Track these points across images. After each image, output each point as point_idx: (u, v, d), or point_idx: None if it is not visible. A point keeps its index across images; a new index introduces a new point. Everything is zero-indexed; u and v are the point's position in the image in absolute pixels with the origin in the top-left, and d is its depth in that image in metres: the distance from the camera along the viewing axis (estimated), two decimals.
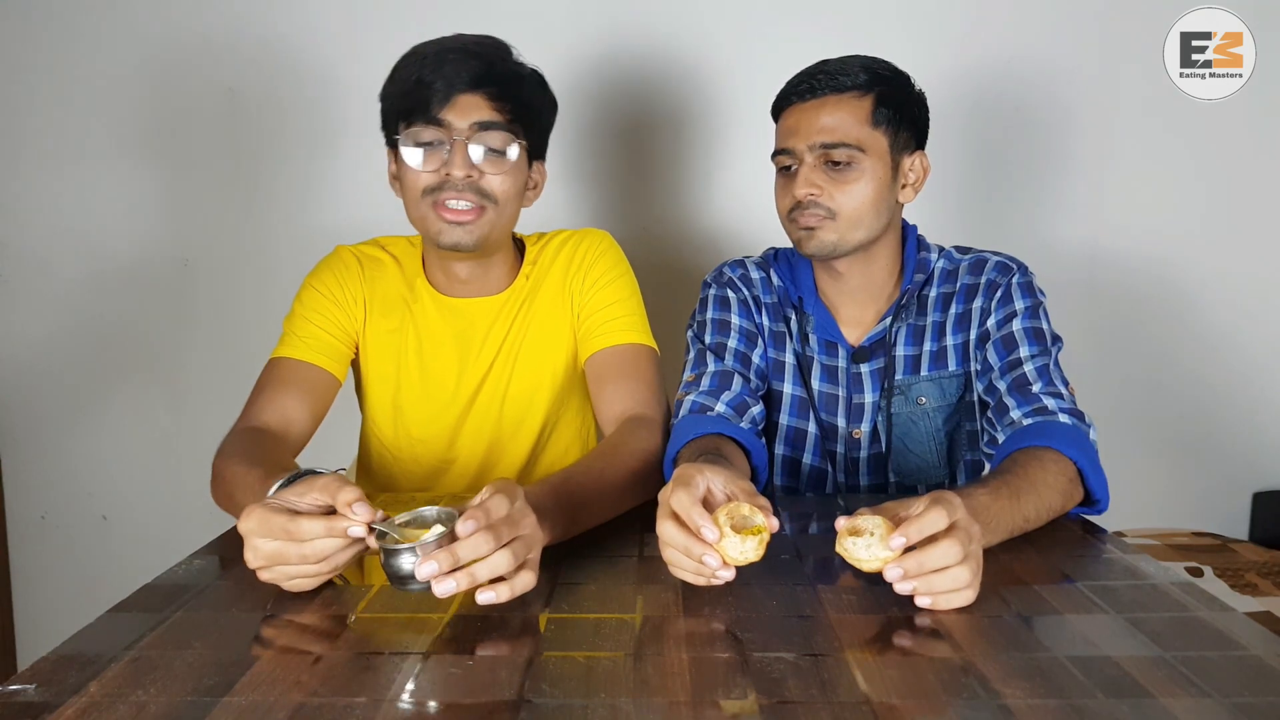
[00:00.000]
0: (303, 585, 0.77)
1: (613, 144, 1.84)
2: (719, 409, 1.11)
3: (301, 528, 0.73)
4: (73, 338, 1.90)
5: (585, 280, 1.23)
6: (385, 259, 1.24)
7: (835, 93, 1.12)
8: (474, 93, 1.07)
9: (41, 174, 1.85)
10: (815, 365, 1.23)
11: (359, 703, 0.60)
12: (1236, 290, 1.86)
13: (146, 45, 1.81)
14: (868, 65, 1.13)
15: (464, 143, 1.07)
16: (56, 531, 1.96)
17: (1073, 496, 0.97)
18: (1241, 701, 0.59)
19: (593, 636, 0.70)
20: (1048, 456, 0.97)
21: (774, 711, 0.58)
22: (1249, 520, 1.93)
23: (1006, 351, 1.12)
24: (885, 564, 0.73)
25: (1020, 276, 1.17)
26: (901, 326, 1.20)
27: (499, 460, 1.26)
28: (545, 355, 1.23)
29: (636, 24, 1.79)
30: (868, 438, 1.22)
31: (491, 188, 1.10)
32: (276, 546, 0.74)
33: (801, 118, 1.13)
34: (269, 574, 0.76)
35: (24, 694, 0.61)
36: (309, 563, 0.75)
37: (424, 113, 1.07)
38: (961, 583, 0.73)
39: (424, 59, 1.08)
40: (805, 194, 1.12)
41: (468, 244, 1.12)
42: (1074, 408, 1.05)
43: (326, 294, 1.20)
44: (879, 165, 1.12)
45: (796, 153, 1.13)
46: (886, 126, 1.13)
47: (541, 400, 1.24)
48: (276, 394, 1.11)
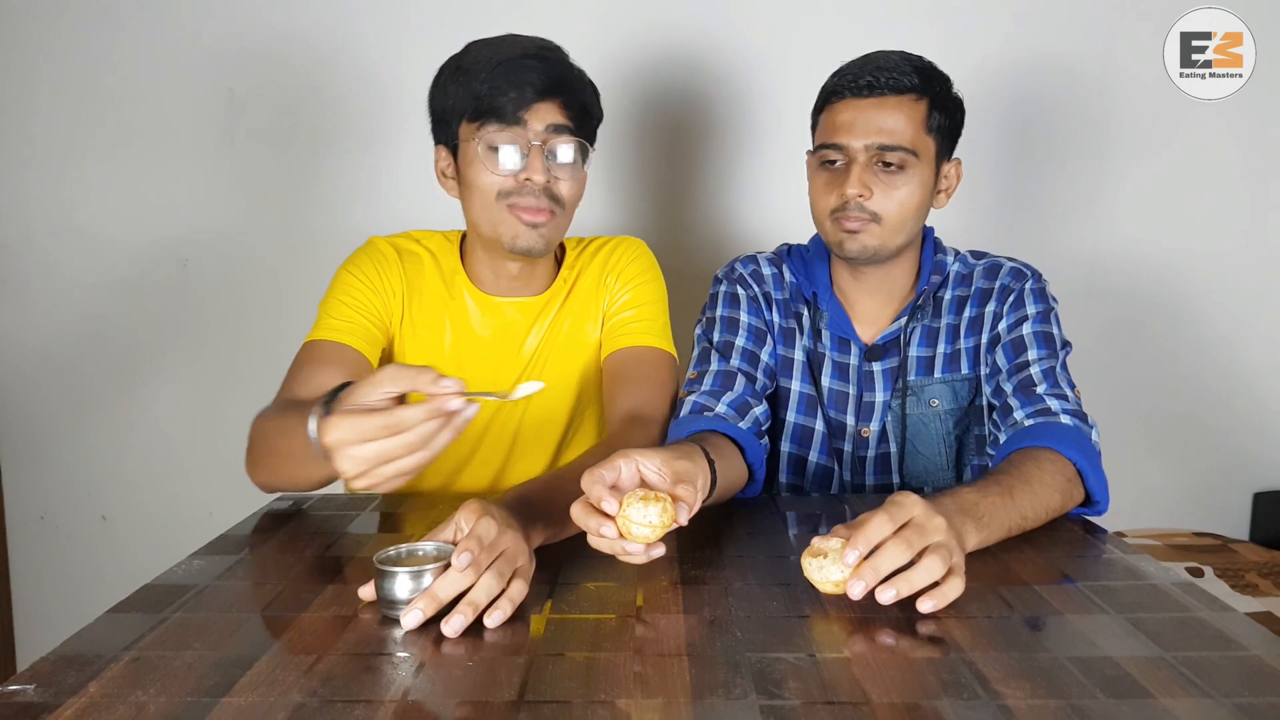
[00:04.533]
0: (404, 480, 0.72)
1: (641, 148, 1.84)
2: (719, 409, 1.10)
3: (401, 418, 0.68)
4: (73, 338, 1.90)
5: (618, 281, 1.25)
6: (422, 253, 1.24)
7: (895, 93, 1.10)
8: (549, 100, 1.08)
9: (41, 174, 1.85)
10: (826, 361, 1.22)
11: (359, 703, 0.60)
12: (1237, 290, 1.86)
13: (146, 46, 1.81)
14: (921, 66, 1.12)
15: (541, 148, 1.09)
16: (56, 531, 1.96)
17: (1072, 496, 0.97)
18: (1242, 702, 0.59)
19: (593, 636, 0.70)
20: (1045, 456, 0.97)
21: (774, 711, 0.58)
22: (1249, 520, 1.93)
23: (1015, 354, 1.12)
24: (845, 582, 0.73)
25: (1034, 283, 1.17)
26: (916, 327, 1.20)
27: (522, 457, 1.26)
28: (575, 357, 1.25)
29: (662, 25, 1.79)
30: (876, 437, 1.21)
31: (562, 193, 1.12)
32: (378, 447, 0.69)
33: (859, 115, 1.11)
34: (369, 478, 0.70)
35: (24, 694, 0.61)
36: (415, 451, 0.70)
37: (501, 116, 1.07)
38: (937, 573, 0.73)
39: (496, 64, 1.07)
40: (856, 194, 1.10)
41: (539, 248, 1.13)
42: (1078, 409, 1.05)
43: (365, 281, 1.19)
44: (926, 171, 1.12)
45: (850, 150, 1.11)
46: (936, 132, 1.12)
47: (567, 400, 1.25)
48: (315, 371, 1.09)
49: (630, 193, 1.87)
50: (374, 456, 0.69)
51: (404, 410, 0.68)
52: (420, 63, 1.19)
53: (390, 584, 0.73)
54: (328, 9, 1.79)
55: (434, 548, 0.77)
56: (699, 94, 1.83)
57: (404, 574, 0.73)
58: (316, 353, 1.12)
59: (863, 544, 0.73)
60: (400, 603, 0.73)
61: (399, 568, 0.73)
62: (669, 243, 1.85)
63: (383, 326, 1.19)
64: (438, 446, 0.71)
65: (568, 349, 1.24)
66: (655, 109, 1.83)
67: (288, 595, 0.79)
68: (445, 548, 0.77)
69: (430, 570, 0.73)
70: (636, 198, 1.88)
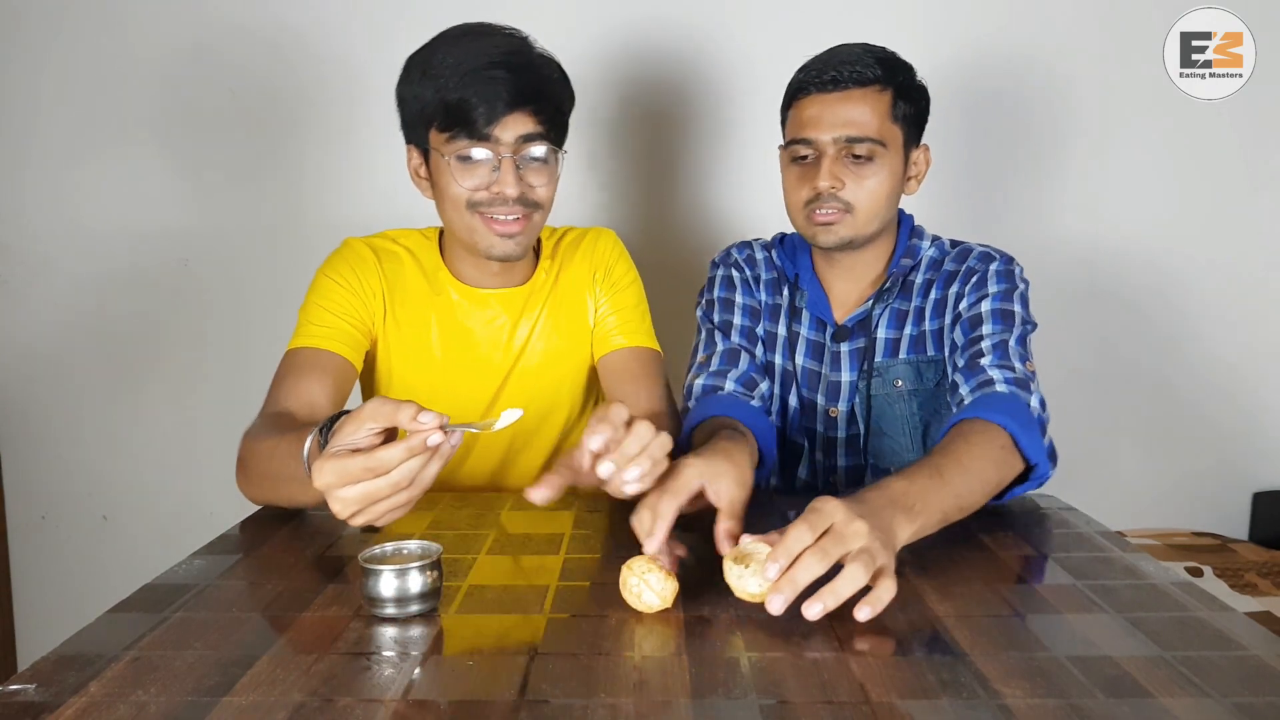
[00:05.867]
0: (400, 514, 0.75)
1: (615, 135, 1.84)
2: (728, 386, 1.15)
3: (381, 460, 0.70)
4: (73, 338, 1.90)
5: (606, 280, 1.27)
6: (400, 252, 1.24)
7: (859, 85, 1.12)
8: (520, 110, 1.07)
9: (42, 174, 1.86)
10: (800, 341, 1.25)
11: (359, 702, 0.60)
12: (1237, 290, 1.86)
13: (147, 45, 1.81)
14: (883, 58, 1.14)
15: (512, 160, 1.08)
16: (56, 531, 1.96)
17: (1008, 463, 0.95)
18: (1241, 701, 0.59)
19: (593, 636, 0.70)
20: (974, 428, 0.95)
21: (774, 711, 0.58)
22: (1249, 520, 1.93)
23: (970, 330, 1.12)
24: (764, 594, 0.72)
25: (1000, 264, 1.16)
26: (885, 309, 1.21)
27: (521, 453, 1.27)
28: (569, 347, 1.26)
29: (639, 14, 1.79)
30: (844, 418, 1.23)
31: (537, 196, 1.12)
32: (363, 489, 0.70)
33: (824, 109, 1.13)
34: (363, 516, 0.72)
35: (24, 694, 0.61)
36: (401, 489, 0.72)
37: (469, 130, 1.06)
38: (861, 581, 0.70)
39: (465, 72, 1.05)
40: (828, 186, 1.12)
41: (516, 254, 1.15)
42: (1021, 378, 1.03)
43: (344, 284, 1.18)
44: (895, 159, 1.14)
45: (818, 144, 1.13)
46: (902, 121, 1.14)
47: (567, 390, 1.27)
48: (299, 381, 1.10)
49: (609, 185, 1.87)
50: (361, 497, 0.71)
51: (384, 451, 0.70)
52: None
53: (375, 582, 0.73)
54: (329, 8, 1.79)
55: (419, 546, 0.77)
56: (678, 85, 1.83)
57: (389, 572, 0.73)
58: (299, 361, 1.12)
59: (783, 556, 0.71)
60: (386, 601, 0.73)
61: (384, 566, 0.73)
62: (646, 234, 1.87)
63: (364, 329, 1.19)
64: (425, 481, 0.73)
65: (560, 339, 1.25)
66: (633, 100, 1.84)
67: (288, 595, 0.79)
68: (430, 546, 0.77)
69: (415, 569, 0.73)
70: (615, 189, 1.88)
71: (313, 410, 1.08)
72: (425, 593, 0.74)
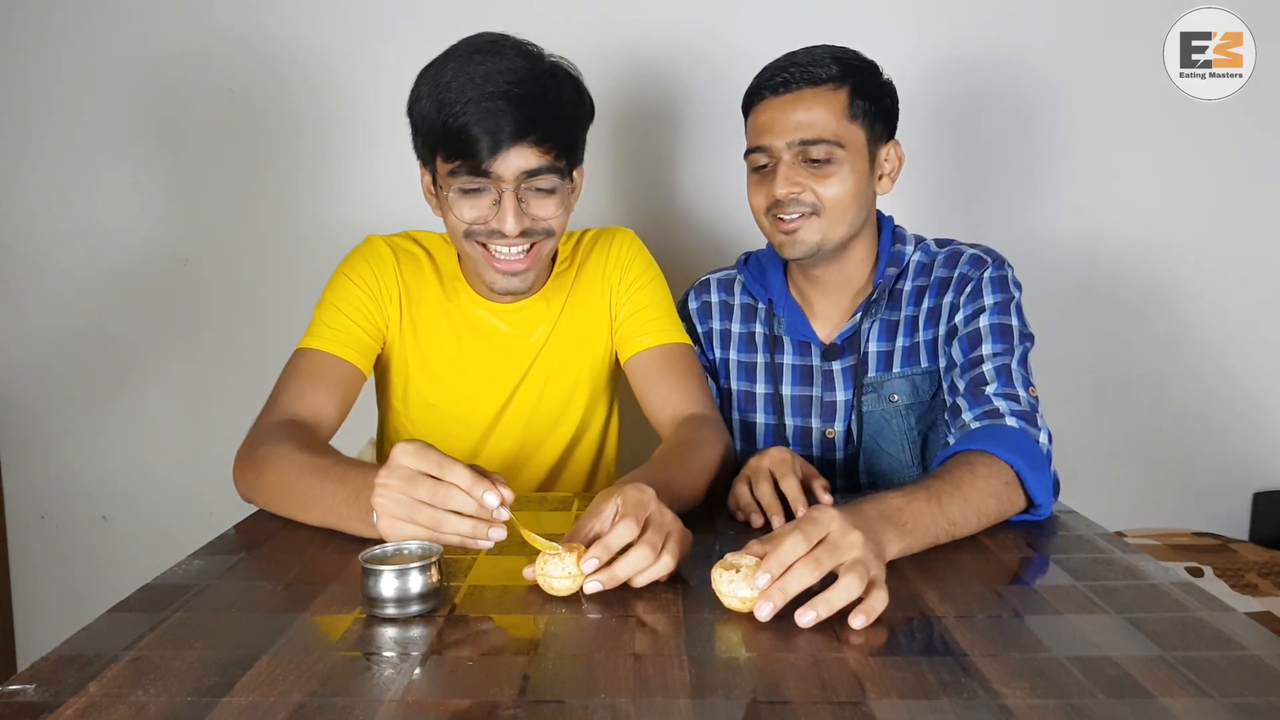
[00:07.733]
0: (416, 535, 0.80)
1: (615, 135, 1.84)
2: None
3: (445, 523, 0.78)
4: (73, 338, 1.90)
5: (624, 279, 1.24)
6: (420, 254, 1.23)
7: (810, 85, 1.09)
8: (523, 142, 1.02)
9: (42, 174, 1.85)
10: (785, 370, 1.22)
11: (359, 703, 0.60)
12: (1237, 290, 1.86)
13: (147, 47, 1.81)
14: (838, 56, 1.10)
15: (513, 194, 1.04)
16: (56, 531, 1.96)
17: (1010, 500, 0.94)
18: (1241, 701, 0.59)
19: (593, 636, 0.70)
20: (981, 460, 0.94)
21: (774, 712, 0.58)
22: (1249, 520, 1.92)
23: (970, 348, 1.09)
24: (752, 601, 0.71)
25: (994, 270, 1.13)
26: (874, 322, 1.18)
27: (531, 456, 1.26)
28: (584, 352, 1.24)
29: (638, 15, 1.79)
30: (842, 438, 1.20)
31: (544, 226, 1.09)
32: (415, 530, 0.79)
33: (776, 114, 1.10)
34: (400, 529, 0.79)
35: (24, 694, 0.61)
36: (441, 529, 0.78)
37: (470, 162, 1.02)
38: (855, 591, 0.70)
39: (468, 100, 1.00)
40: (786, 193, 1.10)
41: (522, 289, 1.14)
42: (1027, 410, 1.02)
43: (360, 284, 1.17)
44: (858, 159, 1.11)
45: (773, 150, 1.10)
46: (863, 119, 1.11)
47: (581, 396, 1.25)
48: (307, 387, 1.10)
49: (608, 185, 1.87)
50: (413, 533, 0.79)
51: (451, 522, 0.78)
52: (421, 62, 1.19)
53: (375, 583, 0.73)
54: (329, 8, 1.79)
55: (419, 546, 0.78)
56: (678, 85, 1.82)
57: (389, 572, 0.73)
58: (309, 366, 1.12)
59: (775, 565, 0.71)
60: (386, 601, 0.73)
61: (384, 566, 0.73)
62: (645, 234, 1.83)
63: (376, 333, 1.19)
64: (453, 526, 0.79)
65: (576, 343, 1.24)
66: (633, 100, 1.83)
67: (287, 595, 0.79)
68: (430, 547, 0.77)
69: (415, 569, 0.73)
70: (615, 189, 1.87)
71: (318, 420, 1.08)
72: (425, 593, 0.74)
